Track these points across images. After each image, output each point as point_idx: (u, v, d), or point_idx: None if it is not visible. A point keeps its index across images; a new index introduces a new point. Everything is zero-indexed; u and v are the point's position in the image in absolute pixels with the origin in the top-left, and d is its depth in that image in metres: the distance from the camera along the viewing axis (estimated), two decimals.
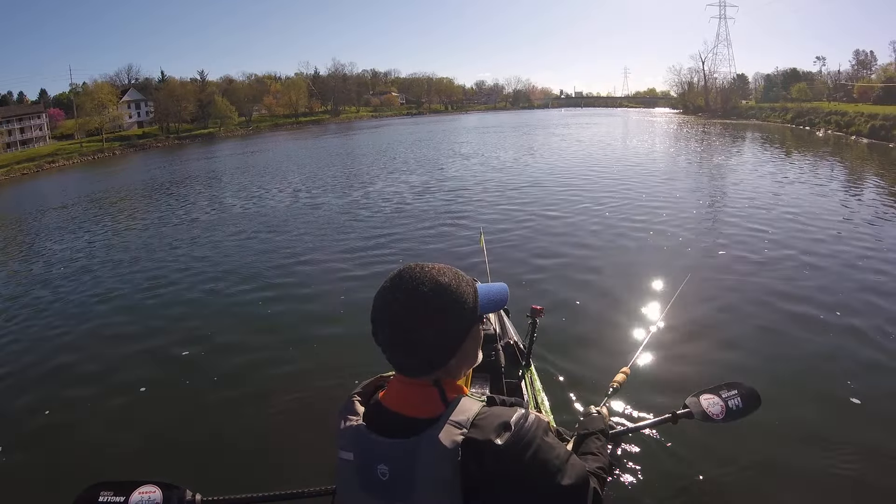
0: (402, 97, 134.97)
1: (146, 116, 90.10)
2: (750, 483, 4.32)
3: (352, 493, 1.44)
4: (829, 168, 22.53)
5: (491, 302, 1.56)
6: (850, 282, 8.47)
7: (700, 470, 4.41)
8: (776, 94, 77.66)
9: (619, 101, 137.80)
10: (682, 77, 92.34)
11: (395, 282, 1.44)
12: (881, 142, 33.10)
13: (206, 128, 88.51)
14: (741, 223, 12.40)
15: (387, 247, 11.97)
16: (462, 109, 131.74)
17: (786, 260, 9.54)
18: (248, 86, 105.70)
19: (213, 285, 10.18)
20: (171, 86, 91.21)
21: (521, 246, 11.18)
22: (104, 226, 18.40)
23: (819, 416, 5.08)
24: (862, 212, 13.52)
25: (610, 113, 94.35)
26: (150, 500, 2.37)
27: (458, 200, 16.80)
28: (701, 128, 50.81)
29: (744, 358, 6.29)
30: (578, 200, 15.61)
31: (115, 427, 5.77)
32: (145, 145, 74.89)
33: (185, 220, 17.28)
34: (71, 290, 10.94)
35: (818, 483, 4.29)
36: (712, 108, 78.69)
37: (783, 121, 54.39)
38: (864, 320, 7.04)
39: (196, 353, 7.36)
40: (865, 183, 18.79)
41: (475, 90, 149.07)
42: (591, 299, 8.20)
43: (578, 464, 1.44)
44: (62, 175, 47.36)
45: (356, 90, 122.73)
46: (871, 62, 75.95)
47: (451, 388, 1.46)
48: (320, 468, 4.02)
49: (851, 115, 41.63)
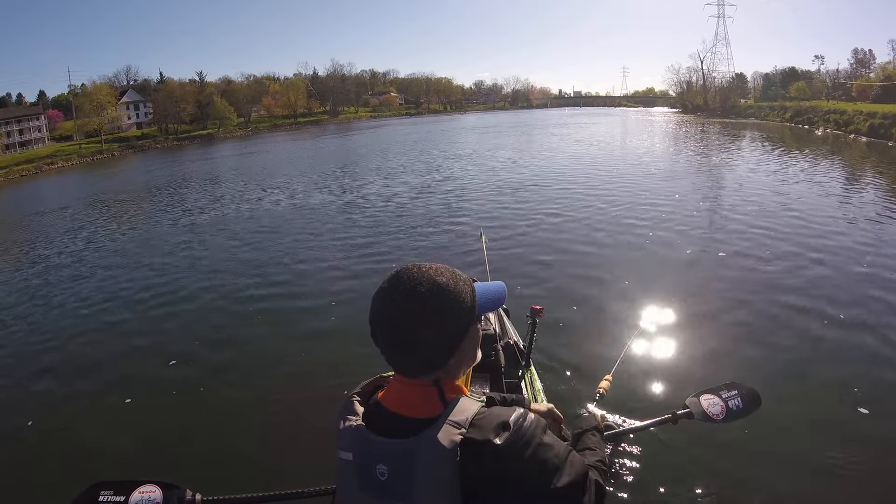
0: (400, 97, 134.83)
1: (145, 118, 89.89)
2: (750, 483, 4.34)
3: (351, 493, 1.43)
4: (829, 166, 22.67)
5: (489, 301, 1.57)
6: (851, 281, 8.51)
7: (700, 470, 4.43)
8: (775, 92, 77.70)
9: (618, 100, 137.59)
10: (681, 76, 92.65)
11: (393, 283, 1.44)
12: (880, 140, 33.20)
13: (206, 129, 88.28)
14: (741, 223, 12.44)
15: (385, 247, 12.00)
16: (461, 109, 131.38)
17: (786, 259, 9.59)
18: (246, 87, 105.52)
19: (212, 286, 10.19)
20: (170, 87, 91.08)
21: (520, 246, 11.20)
22: (103, 227, 18.39)
23: (819, 416, 5.10)
24: (864, 210, 13.56)
25: (609, 112, 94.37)
26: (151, 499, 2.35)
27: (456, 201, 16.85)
28: (700, 127, 50.88)
29: (742, 357, 6.32)
30: (579, 200, 15.69)
31: (115, 427, 5.78)
32: (144, 146, 74.69)
33: (183, 222, 17.32)
34: (71, 290, 10.96)
35: (818, 482, 4.30)
36: (711, 108, 78.82)
37: (782, 119, 54.49)
38: (862, 318, 7.08)
39: (196, 353, 7.38)
40: (866, 181, 18.86)
41: (474, 90, 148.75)
42: (591, 299, 8.22)
43: (578, 460, 1.43)
44: (61, 176, 47.39)
45: (355, 90, 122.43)
46: (870, 61, 76.02)
47: (450, 388, 1.46)
48: (320, 468, 4.00)
49: (850, 113, 41.69)
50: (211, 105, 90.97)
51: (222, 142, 73.59)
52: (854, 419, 5.08)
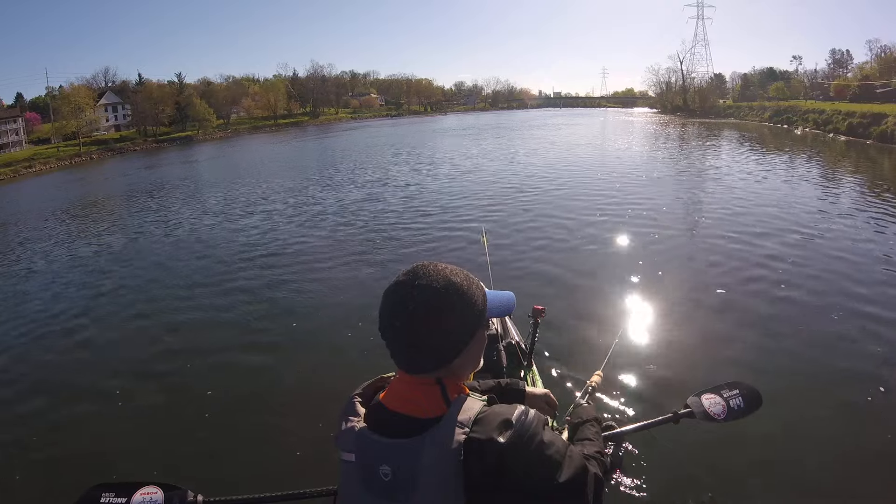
0: (381, 98, 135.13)
1: (124, 120, 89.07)
2: (751, 482, 4.35)
3: (355, 494, 1.43)
4: (811, 165, 23.05)
5: (497, 308, 1.60)
6: (854, 278, 8.59)
7: (702, 469, 4.44)
8: (753, 92, 78.72)
9: (598, 101, 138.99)
10: (661, 77, 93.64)
11: (410, 276, 1.45)
12: (859, 139, 33.75)
13: (185, 131, 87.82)
14: (737, 222, 12.57)
15: (386, 246, 12.09)
16: (442, 111, 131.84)
17: (785, 258, 9.66)
18: (226, 88, 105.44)
19: (211, 287, 10.18)
20: (149, 88, 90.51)
21: (518, 246, 11.23)
22: (103, 227, 18.28)
23: (821, 415, 5.13)
24: (845, 205, 13.80)
25: (589, 113, 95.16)
26: (152, 500, 2.37)
27: (449, 204, 16.77)
28: (680, 127, 51.40)
29: (740, 356, 6.35)
30: (575, 201, 15.78)
31: (116, 429, 5.79)
32: (123, 149, 73.95)
33: (182, 223, 17.19)
34: (71, 290, 11.00)
35: (819, 482, 4.32)
36: (690, 108, 79.79)
37: (761, 119, 55.24)
38: (866, 316, 7.16)
39: (196, 355, 7.37)
40: (848, 179, 19.17)
41: (454, 91, 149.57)
42: (590, 299, 8.27)
43: (577, 456, 1.46)
44: (39, 179, 46.94)
45: (335, 92, 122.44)
46: (848, 61, 77.42)
47: (453, 387, 1.47)
48: (322, 468, 4.00)
49: (829, 112, 42.36)
50: (190, 107, 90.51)
51: (202, 144, 73.55)
52: (856, 419, 5.10)
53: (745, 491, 4.29)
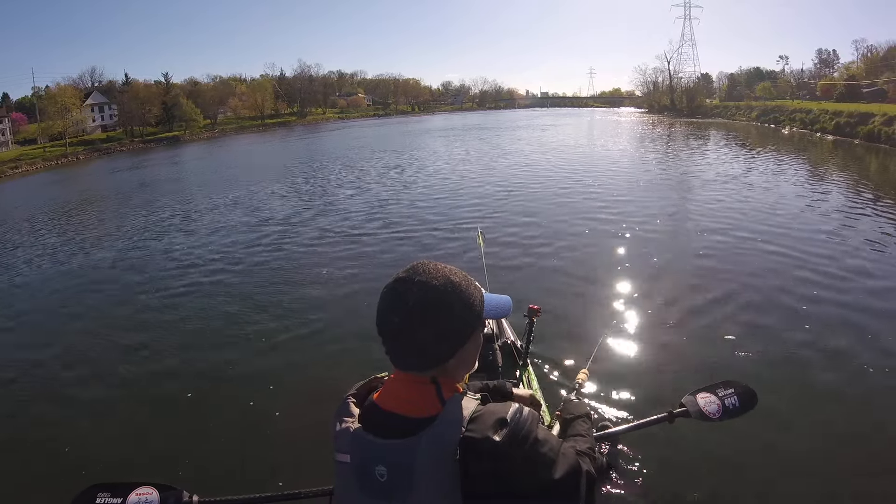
0: (368, 98, 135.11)
1: (110, 120, 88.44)
2: (748, 481, 4.36)
3: (351, 495, 1.43)
4: (800, 165, 23.23)
5: (493, 310, 1.60)
6: (851, 279, 8.62)
7: (697, 468, 4.45)
8: (740, 92, 79.24)
9: (585, 101, 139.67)
10: (648, 77, 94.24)
11: (410, 273, 1.45)
12: (846, 138, 34.11)
13: (172, 131, 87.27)
14: (732, 221, 12.62)
15: (385, 248, 12.04)
16: (429, 110, 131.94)
17: (782, 258, 9.69)
18: (213, 88, 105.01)
19: (208, 288, 10.15)
20: (136, 88, 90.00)
21: (516, 247, 11.22)
22: (100, 228, 18.13)
23: (816, 415, 5.16)
24: (836, 203, 13.96)
25: (577, 113, 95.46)
26: (147, 501, 2.34)
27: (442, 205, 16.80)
28: (668, 127, 51.66)
29: (735, 355, 6.37)
30: (570, 201, 15.81)
31: (112, 429, 5.78)
32: (110, 149, 73.33)
33: (180, 224, 17.05)
34: (70, 290, 10.94)
35: (816, 481, 4.34)
36: (678, 108, 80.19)
37: (748, 119, 55.70)
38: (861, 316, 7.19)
39: (192, 355, 7.38)
40: (836, 178, 19.31)
41: (442, 91, 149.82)
42: (589, 298, 8.28)
43: (570, 453, 1.48)
44: (25, 180, 46.64)
45: (323, 91, 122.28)
46: (834, 61, 78.06)
47: (448, 387, 1.46)
48: (317, 469, 3.97)
49: (816, 112, 42.81)
50: (177, 107, 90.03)
51: (188, 144, 73.24)
52: (852, 417, 5.12)
53: (741, 490, 4.30)
